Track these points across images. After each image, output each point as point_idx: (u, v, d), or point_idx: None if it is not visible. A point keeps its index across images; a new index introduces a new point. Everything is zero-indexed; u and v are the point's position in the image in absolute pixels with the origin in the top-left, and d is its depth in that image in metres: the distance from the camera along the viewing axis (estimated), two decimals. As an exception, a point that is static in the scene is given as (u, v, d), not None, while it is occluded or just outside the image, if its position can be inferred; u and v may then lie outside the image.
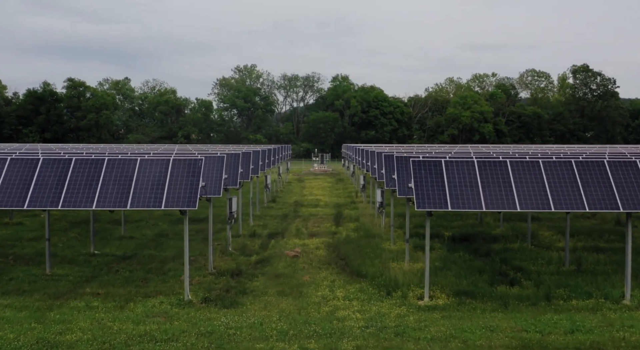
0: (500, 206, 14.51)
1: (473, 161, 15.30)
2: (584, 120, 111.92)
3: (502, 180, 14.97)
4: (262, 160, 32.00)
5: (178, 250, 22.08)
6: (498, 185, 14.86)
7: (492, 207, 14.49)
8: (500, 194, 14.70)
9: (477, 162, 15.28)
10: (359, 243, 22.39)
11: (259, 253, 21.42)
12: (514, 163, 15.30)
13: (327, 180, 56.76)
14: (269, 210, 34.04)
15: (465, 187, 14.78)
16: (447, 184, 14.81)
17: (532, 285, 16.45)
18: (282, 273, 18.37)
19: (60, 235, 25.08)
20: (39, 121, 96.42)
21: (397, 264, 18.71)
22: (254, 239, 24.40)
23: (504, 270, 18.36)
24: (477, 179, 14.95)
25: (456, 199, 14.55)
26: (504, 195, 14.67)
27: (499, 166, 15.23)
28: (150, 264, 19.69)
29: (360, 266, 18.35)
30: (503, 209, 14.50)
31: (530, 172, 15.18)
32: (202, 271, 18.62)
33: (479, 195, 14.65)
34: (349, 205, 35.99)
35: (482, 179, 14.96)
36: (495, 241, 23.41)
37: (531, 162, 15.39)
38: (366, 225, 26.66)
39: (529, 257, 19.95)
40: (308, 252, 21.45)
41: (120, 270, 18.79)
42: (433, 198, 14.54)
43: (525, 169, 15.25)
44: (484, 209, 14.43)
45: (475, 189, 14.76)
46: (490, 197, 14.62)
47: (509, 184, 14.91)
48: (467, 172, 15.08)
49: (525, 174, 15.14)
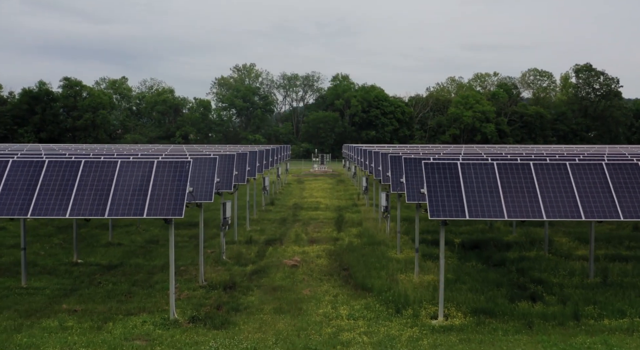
0: (524, 214, 12.92)
1: (492, 164, 13.71)
2: (587, 120, 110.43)
3: (525, 185, 13.39)
4: (259, 161, 30.40)
5: (168, 259, 20.41)
6: (521, 191, 13.27)
7: (514, 215, 12.89)
8: (523, 200, 13.12)
9: (496, 164, 13.69)
10: (362, 251, 20.80)
11: (255, 262, 19.82)
12: (537, 166, 13.71)
13: (328, 181, 55.16)
14: (267, 213, 32.45)
15: (485, 192, 13.19)
16: (464, 189, 13.22)
17: (556, 301, 14.85)
18: (280, 286, 16.77)
19: (44, 242, 23.48)
20: (35, 121, 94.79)
21: (405, 276, 17.11)
22: (250, 245, 22.81)
23: (523, 283, 16.77)
24: (497, 183, 13.36)
25: (474, 206, 12.96)
26: (527, 202, 13.08)
27: (521, 169, 13.64)
28: (137, 275, 18.10)
29: (365, 278, 16.75)
30: (527, 218, 12.91)
31: (557, 175, 13.59)
32: (192, 283, 17.02)
33: (499, 202, 13.06)
34: (351, 208, 34.40)
35: (502, 183, 13.38)
36: (508, 249, 21.82)
37: (557, 165, 13.80)
38: (370, 231, 25.07)
39: (548, 268, 18.36)
40: (308, 261, 19.86)
41: (102, 282, 17.19)
42: (448, 205, 12.95)
43: (551, 172, 13.66)
44: (505, 217, 12.84)
45: (495, 194, 13.17)
46: (513, 204, 13.03)
47: (532, 189, 13.33)
48: (486, 175, 13.49)
49: (550, 177, 13.55)
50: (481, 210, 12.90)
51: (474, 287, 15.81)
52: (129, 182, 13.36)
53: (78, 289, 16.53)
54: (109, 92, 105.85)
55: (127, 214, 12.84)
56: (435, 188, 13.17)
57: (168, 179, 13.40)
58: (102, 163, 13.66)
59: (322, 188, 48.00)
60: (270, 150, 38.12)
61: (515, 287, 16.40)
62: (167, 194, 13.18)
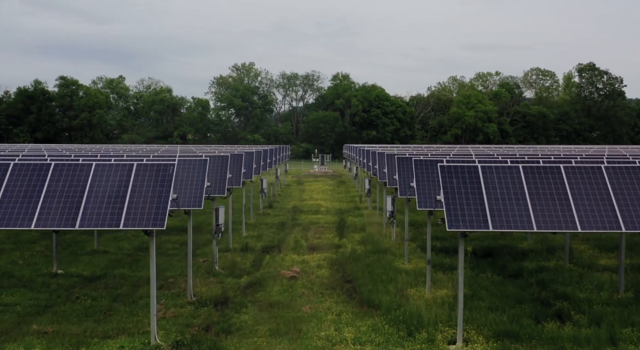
0: (555, 226, 11.29)
1: (517, 167, 12.09)
2: (590, 120, 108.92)
3: (556, 191, 11.77)
4: (256, 162, 28.76)
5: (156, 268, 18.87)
6: (551, 198, 11.64)
7: (544, 226, 11.26)
8: (554, 209, 11.49)
9: (522, 167, 12.06)
10: (367, 261, 19.17)
11: (250, 273, 18.19)
12: (569, 169, 12.09)
13: (328, 182, 53.52)
14: (265, 217, 30.82)
15: (510, 200, 11.57)
16: (487, 197, 11.60)
17: (586, 320, 13.23)
18: (277, 301, 15.14)
19: (24, 250, 21.85)
20: (30, 121, 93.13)
21: (416, 291, 15.46)
22: (246, 254, 21.17)
23: (546, 298, 15.14)
24: (523, 189, 11.74)
25: (498, 216, 11.33)
26: (559, 212, 11.46)
27: (550, 173, 12.02)
28: (120, 288, 16.47)
29: (371, 293, 15.12)
30: (560, 230, 11.28)
31: (591, 180, 11.97)
32: (180, 298, 15.39)
33: (527, 211, 11.44)
34: (353, 212, 32.77)
35: (530, 189, 11.75)
36: (524, 257, 20.20)
37: (591, 168, 12.17)
38: (374, 237, 23.43)
39: (571, 280, 16.73)
40: (308, 272, 18.23)
41: (81, 297, 15.55)
42: (469, 215, 11.32)
43: (584, 176, 12.04)
44: (534, 229, 11.21)
45: (522, 202, 11.54)
46: (542, 214, 11.41)
47: (564, 196, 11.71)
48: (511, 180, 11.87)
49: (584, 182, 11.93)
50: (506, 221, 11.27)
51: (494, 305, 14.18)
52: (105, 188, 11.73)
53: (53, 305, 14.91)
54: (105, 91, 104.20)
55: (101, 224, 11.21)
56: (453, 195, 11.54)
57: (149, 184, 11.78)
58: (75, 166, 12.04)
59: (323, 190, 46.37)
60: (269, 150, 36.50)
61: (538, 303, 14.77)
62: (148, 201, 11.55)
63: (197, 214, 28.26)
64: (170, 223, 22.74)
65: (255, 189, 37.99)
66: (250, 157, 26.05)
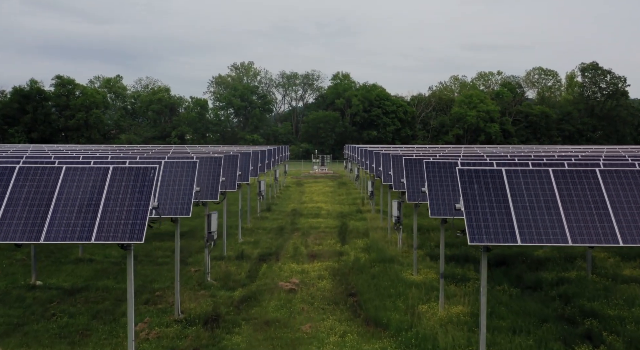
0: (593, 239, 9.80)
1: (547, 170, 10.61)
2: (593, 120, 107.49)
3: (592, 198, 10.29)
4: (253, 164, 27.27)
5: (144, 278, 17.45)
6: (587, 207, 10.16)
7: (581, 240, 9.78)
8: (590, 219, 10.01)
9: (553, 171, 10.58)
10: (372, 271, 17.69)
11: (245, 285, 16.70)
12: (606, 173, 10.61)
13: (329, 184, 52.03)
14: (263, 221, 29.33)
15: (540, 209, 10.08)
16: (513, 205, 10.12)
17: (622, 344, 11.75)
18: (274, 319, 13.65)
19: (3, 258, 20.36)
20: (26, 120, 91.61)
21: (428, 307, 13.96)
22: (242, 262, 19.69)
23: (572, 315, 13.67)
24: (555, 196, 10.25)
25: (527, 228, 9.84)
26: (596, 222, 9.97)
27: (584, 177, 10.54)
28: (102, 303, 14.99)
29: (378, 310, 13.62)
30: (598, 244, 9.80)
31: (631, 185, 10.48)
32: (167, 315, 13.90)
33: (560, 221, 9.95)
34: (355, 215, 31.29)
35: (562, 196, 10.27)
36: (540, 266, 18.74)
37: (630, 172, 10.69)
38: (378, 244, 21.94)
39: (597, 294, 15.24)
40: (308, 284, 16.74)
41: (57, 314, 14.07)
42: (493, 226, 9.84)
43: (623, 181, 10.55)
44: (569, 243, 9.73)
45: (554, 212, 10.06)
46: (578, 225, 9.92)
47: (602, 203, 10.23)
48: (540, 186, 10.38)
49: (623, 188, 10.44)
50: (537, 234, 9.79)
51: (516, 324, 12.70)
52: (76, 195, 10.25)
53: (26, 323, 13.44)
54: (103, 91, 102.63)
55: (69, 238, 9.73)
56: (475, 203, 10.06)
57: (126, 190, 10.29)
58: (42, 170, 10.56)
59: (323, 191, 44.87)
60: (267, 151, 35.01)
61: (563, 321, 13.30)
62: (125, 210, 10.07)
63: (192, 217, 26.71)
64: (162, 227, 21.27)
65: (252, 191, 36.51)
66: (247, 158, 24.56)
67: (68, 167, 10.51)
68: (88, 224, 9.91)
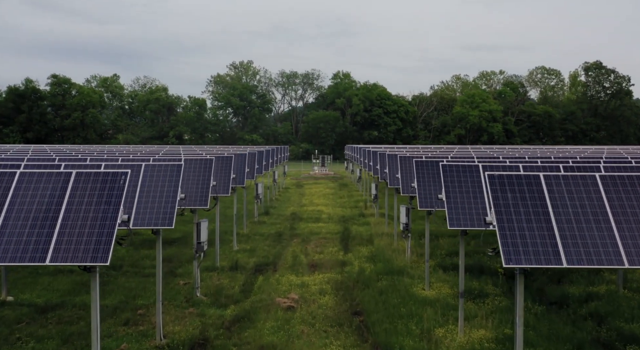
0: (653, 259, 8.10)
1: (593, 175, 8.91)
2: (597, 120, 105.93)
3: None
4: (250, 165, 25.57)
5: (127, 293, 15.75)
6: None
7: (638, 260, 8.09)
8: (649, 235, 8.31)
9: (600, 177, 8.88)
10: (379, 285, 16.00)
11: (238, 301, 15.00)
12: (664, 180, 8.90)
13: (329, 185, 50.34)
14: (260, 226, 27.64)
15: (587, 223, 8.39)
16: (554, 218, 8.42)
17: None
18: (269, 344, 11.95)
19: (-24, 269, 18.63)
20: (21, 120, 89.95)
21: (446, 331, 12.24)
22: (235, 274, 18.00)
23: (609, 340, 11.98)
24: (605, 207, 8.56)
25: (574, 246, 8.15)
26: (656, 239, 8.27)
27: (638, 184, 8.84)
28: (76, 324, 13.29)
29: (389, 335, 11.92)
30: (661, 265, 8.10)
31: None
32: (148, 340, 12.20)
33: (612, 238, 8.26)
34: (358, 220, 29.60)
35: (613, 207, 8.58)
36: (563, 278, 17.06)
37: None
38: (384, 253, 20.24)
39: (633, 313, 13.55)
40: (308, 300, 15.04)
41: (24, 338, 12.37)
42: (532, 244, 8.15)
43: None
44: (626, 264, 8.04)
45: (604, 226, 8.37)
46: (634, 242, 8.22)
47: (661, 217, 8.53)
48: (586, 195, 8.69)
49: (684, 198, 8.75)
50: (585, 253, 8.10)
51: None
52: (30, 206, 8.56)
53: (-14, 349, 11.75)
54: (99, 90, 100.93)
55: (18, 259, 8.04)
56: (509, 215, 8.37)
57: (91, 200, 8.60)
58: (-8, 176, 8.85)
59: (324, 193, 43.17)
60: (265, 151, 33.33)
61: (600, 347, 11.62)
62: (89, 224, 8.38)
63: (185, 222, 25.06)
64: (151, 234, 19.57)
65: (250, 194, 34.83)
66: (243, 159, 22.86)
67: (22, 172, 8.82)
68: (43, 241, 8.22)
